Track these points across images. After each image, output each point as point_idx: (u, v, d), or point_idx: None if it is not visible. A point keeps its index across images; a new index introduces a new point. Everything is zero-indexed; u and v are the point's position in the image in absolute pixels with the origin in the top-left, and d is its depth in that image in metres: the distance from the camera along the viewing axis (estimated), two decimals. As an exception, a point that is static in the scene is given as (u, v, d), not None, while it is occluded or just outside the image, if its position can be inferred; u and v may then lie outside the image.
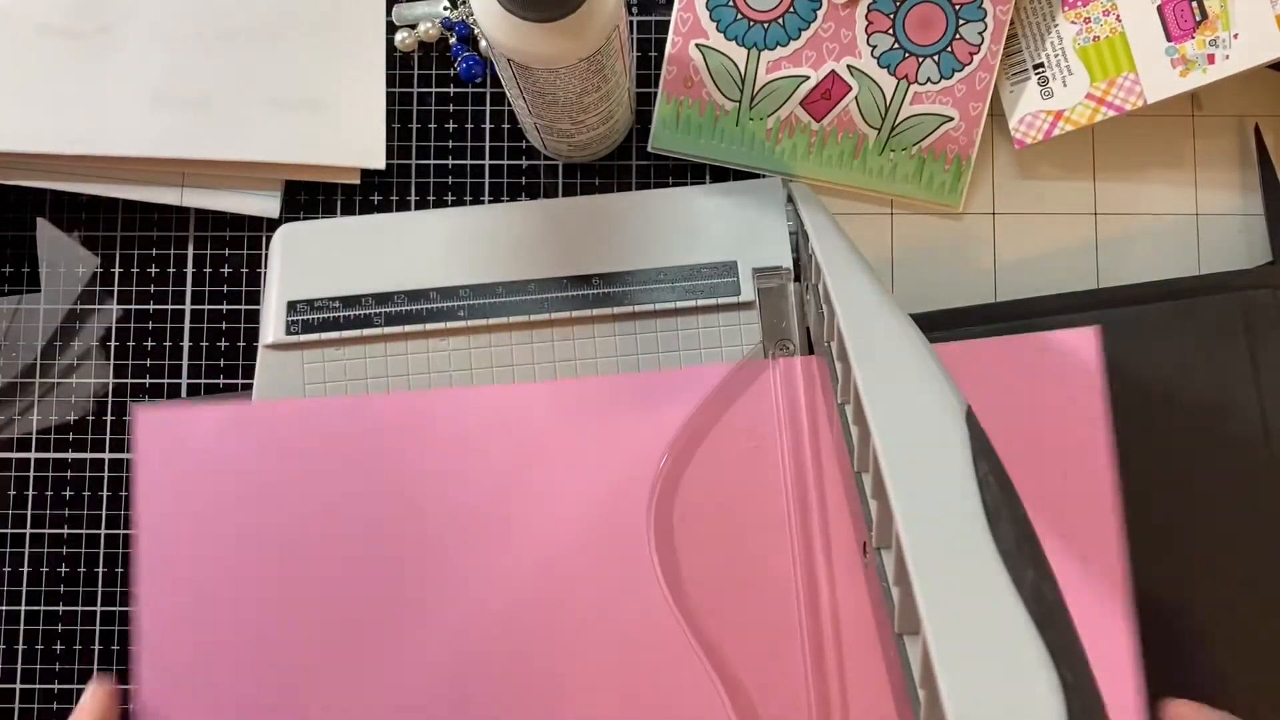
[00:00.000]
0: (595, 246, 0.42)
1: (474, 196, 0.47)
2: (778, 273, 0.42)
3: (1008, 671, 0.22)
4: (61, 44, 0.46)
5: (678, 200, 0.43)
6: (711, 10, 0.45)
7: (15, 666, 0.46)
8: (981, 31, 0.45)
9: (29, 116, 0.45)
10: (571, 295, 0.42)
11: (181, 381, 0.47)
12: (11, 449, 0.47)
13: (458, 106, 0.48)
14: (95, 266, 0.48)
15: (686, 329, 0.42)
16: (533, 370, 0.41)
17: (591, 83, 0.38)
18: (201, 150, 0.46)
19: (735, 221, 0.42)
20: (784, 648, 0.39)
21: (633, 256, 0.42)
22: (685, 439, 0.40)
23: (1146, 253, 0.46)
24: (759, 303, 0.41)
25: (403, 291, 0.42)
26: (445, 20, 0.47)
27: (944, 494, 0.26)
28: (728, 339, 0.41)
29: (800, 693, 0.38)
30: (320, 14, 0.47)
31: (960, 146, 0.46)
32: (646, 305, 0.41)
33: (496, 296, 0.42)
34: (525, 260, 0.42)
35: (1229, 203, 0.46)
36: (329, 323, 0.42)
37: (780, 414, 0.40)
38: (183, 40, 0.46)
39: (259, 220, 0.47)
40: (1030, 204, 0.47)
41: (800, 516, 0.39)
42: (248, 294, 0.47)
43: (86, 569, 0.46)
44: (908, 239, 0.47)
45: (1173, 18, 0.43)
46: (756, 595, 0.39)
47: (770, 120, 0.46)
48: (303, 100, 0.46)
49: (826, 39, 0.45)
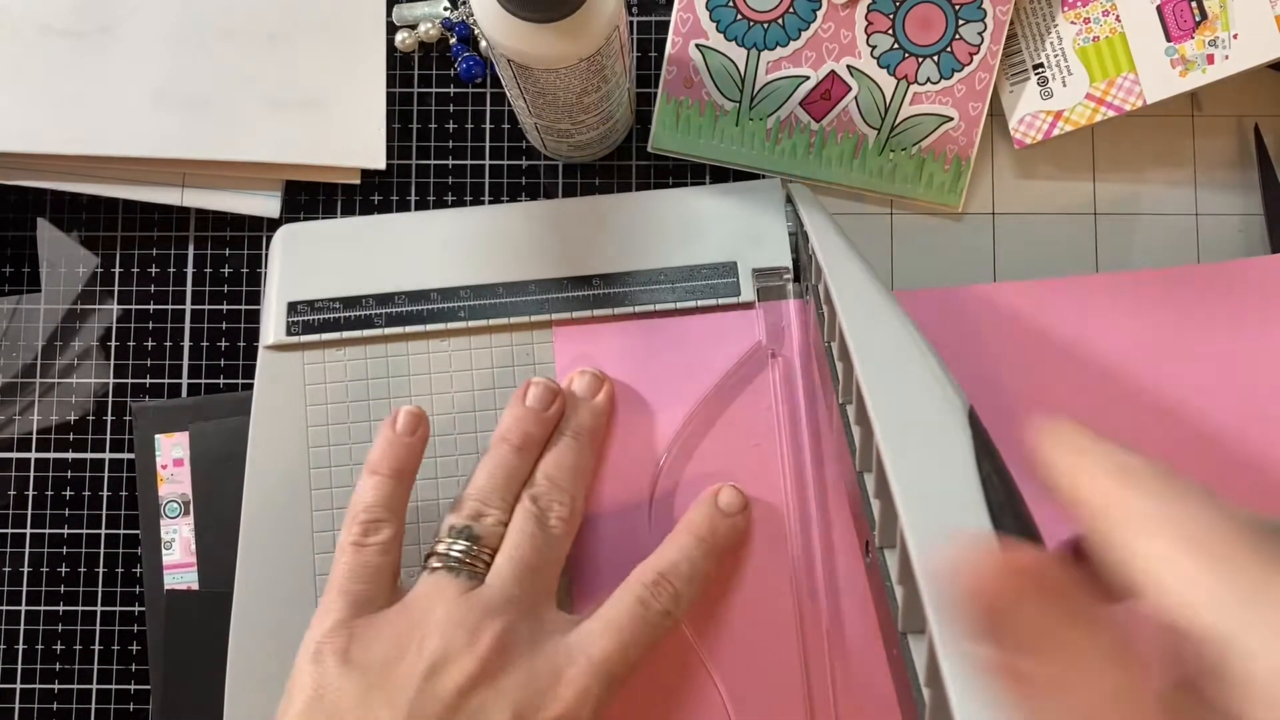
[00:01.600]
0: (595, 247, 0.42)
1: (474, 196, 0.47)
2: (778, 273, 0.42)
3: None
4: (62, 44, 0.46)
5: (678, 201, 0.43)
6: (711, 11, 0.45)
7: (15, 666, 0.46)
8: (981, 32, 0.45)
9: (29, 116, 0.45)
10: (572, 296, 0.42)
11: (182, 381, 0.47)
12: (11, 449, 0.47)
13: (458, 107, 0.48)
14: (95, 266, 0.48)
15: (687, 330, 0.42)
16: (533, 371, 0.41)
17: (591, 83, 0.38)
18: (201, 150, 0.46)
19: (735, 222, 0.42)
20: (782, 646, 0.39)
21: (633, 257, 0.42)
22: (685, 437, 0.40)
23: (1147, 252, 0.46)
24: (759, 303, 0.41)
25: (403, 292, 0.42)
26: (445, 20, 0.47)
27: (948, 493, 0.26)
28: (728, 340, 0.41)
29: (798, 691, 0.38)
30: (321, 14, 0.47)
31: (960, 147, 0.46)
32: (647, 306, 0.41)
33: (497, 297, 0.42)
34: (525, 261, 0.42)
35: (1229, 203, 0.46)
36: (329, 323, 0.42)
37: (780, 413, 0.40)
38: (183, 40, 0.46)
39: (259, 220, 0.47)
40: (1030, 204, 0.47)
41: (799, 515, 0.39)
42: (248, 294, 0.47)
43: (86, 569, 0.46)
44: (908, 239, 0.47)
45: (1172, 18, 0.43)
46: (755, 593, 0.39)
47: (770, 120, 0.46)
48: (303, 100, 0.46)
49: (826, 39, 0.45)
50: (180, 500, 0.45)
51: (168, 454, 0.45)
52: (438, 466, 0.41)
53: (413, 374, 0.42)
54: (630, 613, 0.35)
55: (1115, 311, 0.41)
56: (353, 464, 0.41)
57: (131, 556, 0.46)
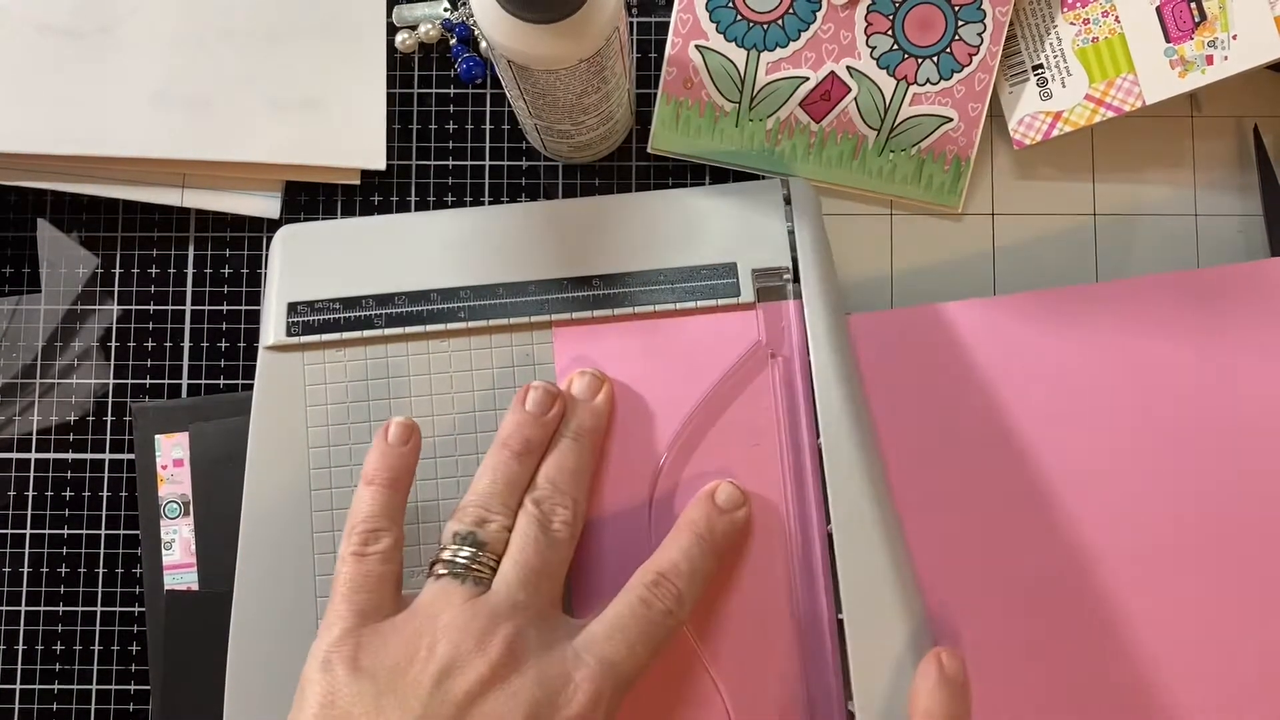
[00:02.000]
0: (595, 247, 0.42)
1: (474, 197, 0.47)
2: (777, 273, 0.42)
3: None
4: (62, 44, 0.46)
5: (677, 201, 0.43)
6: (711, 11, 0.45)
7: (15, 667, 0.46)
8: (981, 33, 0.45)
9: (29, 116, 0.45)
10: (572, 296, 0.42)
11: (182, 381, 0.47)
12: (11, 449, 0.47)
13: (458, 107, 0.48)
14: (95, 266, 0.48)
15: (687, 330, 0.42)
16: (533, 372, 0.42)
17: (591, 84, 0.39)
18: (201, 150, 0.46)
19: (735, 223, 0.42)
20: (782, 646, 0.39)
21: (633, 257, 0.42)
22: (685, 437, 0.40)
23: (1146, 253, 0.46)
24: (759, 304, 0.41)
25: (403, 293, 0.42)
26: (445, 21, 0.48)
27: None
28: (728, 340, 0.41)
29: (798, 691, 0.38)
30: (321, 15, 0.47)
31: (960, 147, 0.46)
32: (646, 306, 0.41)
33: (497, 297, 0.42)
34: (525, 261, 0.42)
35: (1228, 203, 0.46)
36: (329, 324, 0.42)
37: (780, 413, 0.40)
38: (183, 40, 0.46)
39: (259, 221, 0.47)
40: (1030, 204, 0.47)
41: (799, 515, 0.40)
42: (248, 294, 0.47)
43: (86, 569, 0.46)
44: (908, 239, 0.47)
45: (1171, 19, 0.43)
46: (755, 593, 0.39)
47: (770, 121, 0.46)
48: (303, 100, 0.46)
49: (826, 40, 0.45)
50: (180, 500, 0.45)
51: (168, 454, 0.45)
52: (438, 467, 0.41)
53: (413, 374, 0.42)
54: (634, 614, 0.35)
55: (1067, 324, 0.41)
56: (353, 464, 0.41)
57: (131, 556, 0.46)
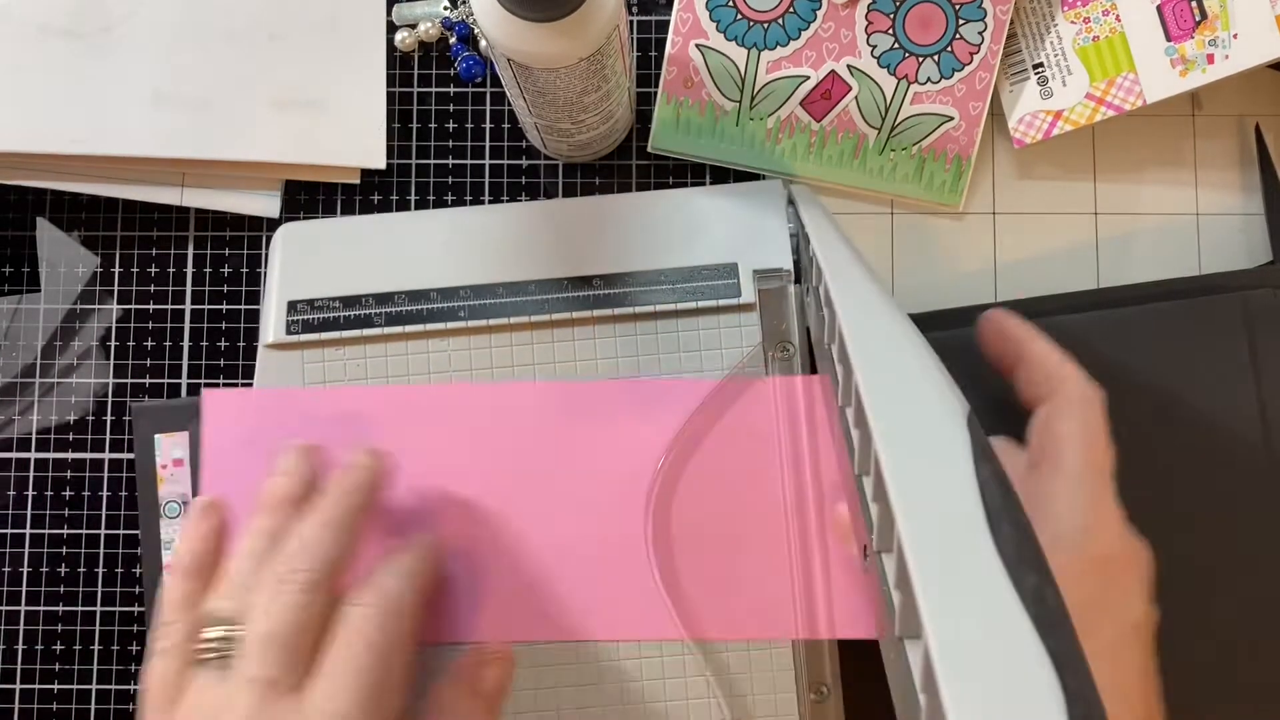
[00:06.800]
0: (595, 247, 0.42)
1: (474, 196, 0.47)
2: (778, 274, 0.42)
3: (1010, 677, 0.22)
4: (62, 44, 0.46)
5: (678, 201, 0.43)
6: (711, 10, 0.45)
7: (15, 667, 0.46)
8: (981, 31, 0.45)
9: (29, 116, 0.45)
10: (572, 296, 0.42)
11: (181, 381, 0.47)
12: (11, 449, 0.47)
13: (458, 106, 0.48)
14: (95, 266, 0.48)
15: (687, 330, 0.42)
16: (533, 371, 0.41)
17: (591, 83, 0.38)
18: (201, 150, 0.46)
19: (735, 223, 0.42)
20: (781, 648, 0.39)
21: (633, 257, 0.42)
22: (684, 440, 0.40)
23: (1146, 253, 0.46)
24: (759, 305, 0.41)
25: (403, 292, 0.42)
26: (445, 20, 0.47)
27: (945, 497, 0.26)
28: (728, 341, 0.41)
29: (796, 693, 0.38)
30: (320, 14, 0.47)
31: (960, 146, 0.46)
32: (647, 307, 0.41)
33: (497, 297, 0.42)
34: (525, 261, 0.42)
35: (1229, 203, 0.46)
36: (329, 323, 0.42)
37: (779, 416, 0.40)
38: (183, 40, 0.46)
39: (259, 220, 0.47)
40: (1030, 204, 0.47)
41: (799, 518, 0.39)
42: (248, 294, 0.47)
43: (86, 569, 0.46)
44: (908, 239, 0.47)
45: (1172, 18, 0.43)
46: (753, 597, 0.39)
47: (770, 120, 0.46)
48: (303, 100, 0.46)
49: (826, 39, 0.45)
50: (180, 500, 0.45)
51: (168, 454, 0.45)
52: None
53: (412, 374, 0.42)
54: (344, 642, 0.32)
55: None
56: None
57: (131, 556, 0.46)
